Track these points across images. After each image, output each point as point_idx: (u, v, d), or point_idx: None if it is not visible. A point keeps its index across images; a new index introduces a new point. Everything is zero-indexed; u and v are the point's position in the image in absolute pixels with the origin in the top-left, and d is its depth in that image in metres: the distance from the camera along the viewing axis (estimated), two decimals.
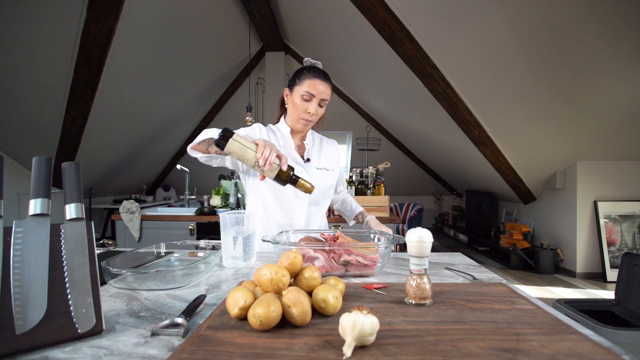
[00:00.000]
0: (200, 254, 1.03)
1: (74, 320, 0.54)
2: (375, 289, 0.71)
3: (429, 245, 0.62)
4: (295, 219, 1.19)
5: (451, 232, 6.69)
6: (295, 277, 0.62)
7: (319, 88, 1.12)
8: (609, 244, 3.73)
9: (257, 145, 0.91)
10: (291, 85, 1.18)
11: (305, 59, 1.19)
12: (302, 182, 0.94)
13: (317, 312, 0.57)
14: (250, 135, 1.16)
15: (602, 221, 3.75)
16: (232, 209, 2.60)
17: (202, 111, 6.00)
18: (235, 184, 2.65)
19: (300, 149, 1.25)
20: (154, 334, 0.55)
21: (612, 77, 2.67)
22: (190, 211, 2.53)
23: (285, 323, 0.53)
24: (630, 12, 2.12)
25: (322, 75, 1.14)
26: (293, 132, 1.23)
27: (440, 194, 7.48)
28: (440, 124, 4.02)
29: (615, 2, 2.09)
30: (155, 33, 3.52)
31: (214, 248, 1.06)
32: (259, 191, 1.20)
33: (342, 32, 3.74)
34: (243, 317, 0.54)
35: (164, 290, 0.79)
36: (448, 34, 2.69)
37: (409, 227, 6.29)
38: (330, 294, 0.56)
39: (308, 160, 1.22)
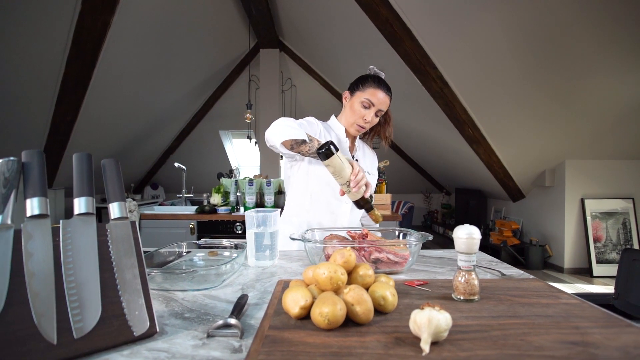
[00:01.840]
0: (226, 253, 1.01)
1: (129, 323, 0.52)
2: (417, 285, 0.71)
3: (478, 242, 0.63)
4: (339, 217, 1.21)
5: (440, 229, 6.80)
6: (349, 274, 0.61)
7: (380, 98, 1.14)
8: (595, 240, 3.88)
9: (352, 167, 0.95)
10: (353, 89, 1.19)
11: (370, 67, 1.21)
12: (376, 211, 1.01)
13: (375, 309, 0.57)
14: (305, 125, 1.17)
15: (588, 218, 3.89)
16: (233, 207, 2.57)
17: (193, 108, 5.90)
18: (236, 182, 2.61)
19: (351, 150, 1.29)
20: (209, 335, 0.54)
21: (601, 80, 2.77)
22: (190, 210, 2.48)
23: (346, 321, 0.53)
24: (621, 15, 2.20)
25: (386, 86, 1.16)
26: (346, 132, 1.25)
27: (430, 192, 7.60)
28: (435, 122, 4.07)
29: (607, 6, 2.16)
30: (150, 28, 3.42)
31: (236, 247, 1.04)
32: (306, 189, 1.20)
33: (340, 30, 3.74)
34: (303, 317, 0.54)
35: (198, 290, 0.77)
36: (448, 34, 2.73)
37: (400, 225, 6.38)
38: (388, 291, 0.56)
39: (357, 160, 1.27)
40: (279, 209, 1.06)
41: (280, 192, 2.69)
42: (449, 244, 5.89)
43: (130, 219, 0.62)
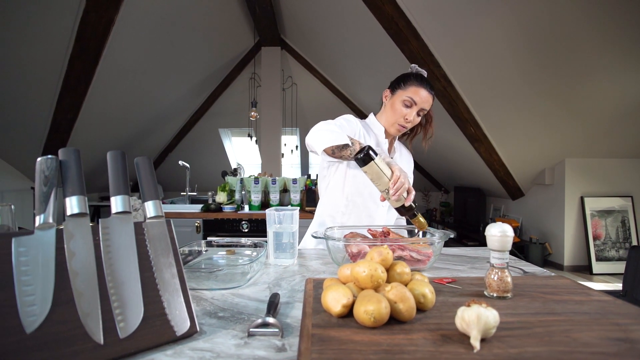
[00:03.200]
0: (248, 251, 1.01)
1: (171, 322, 0.52)
2: (447, 283, 0.72)
3: (511, 240, 0.64)
4: (376, 219, 1.20)
5: (439, 227, 6.84)
6: (386, 272, 0.61)
7: (423, 96, 1.11)
8: (595, 238, 3.92)
9: (392, 172, 0.91)
10: (394, 87, 1.16)
11: (412, 65, 1.18)
12: (420, 218, 0.98)
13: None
14: (345, 125, 1.13)
15: (588, 216, 3.93)
16: (238, 205, 2.56)
17: (194, 106, 5.87)
18: (241, 180, 2.60)
19: (389, 152, 1.27)
20: (250, 334, 0.54)
21: (600, 80, 2.80)
22: (195, 208, 2.47)
23: (388, 319, 0.53)
24: (620, 16, 2.22)
25: (429, 85, 1.13)
26: (385, 133, 1.22)
27: (428, 190, 7.62)
28: (437, 121, 4.07)
29: (606, 7, 2.18)
30: (154, 25, 3.39)
31: (255, 245, 1.04)
32: (343, 190, 1.18)
33: (343, 28, 3.73)
34: (345, 315, 0.54)
35: (226, 289, 0.77)
36: (452, 33, 2.74)
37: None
38: (427, 289, 0.56)
39: None
40: (298, 208, 1.06)
41: (285, 191, 2.69)
42: (450, 242, 5.92)
43: (136, 218, 0.62)
